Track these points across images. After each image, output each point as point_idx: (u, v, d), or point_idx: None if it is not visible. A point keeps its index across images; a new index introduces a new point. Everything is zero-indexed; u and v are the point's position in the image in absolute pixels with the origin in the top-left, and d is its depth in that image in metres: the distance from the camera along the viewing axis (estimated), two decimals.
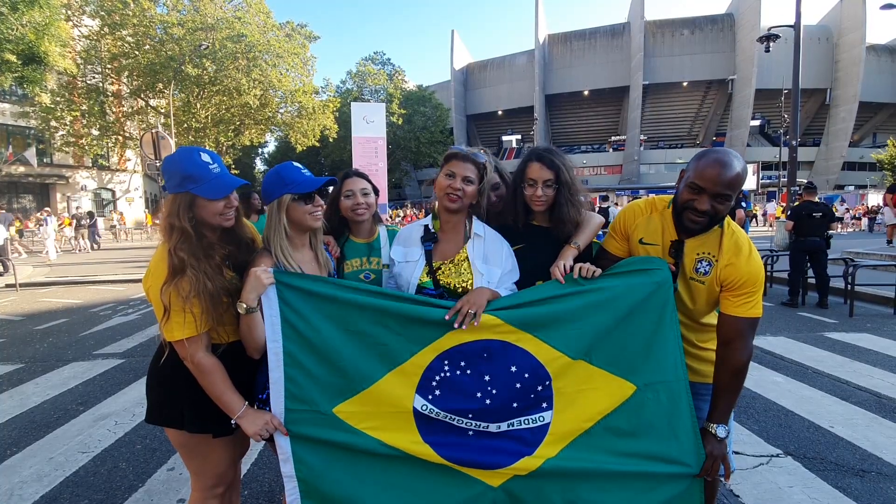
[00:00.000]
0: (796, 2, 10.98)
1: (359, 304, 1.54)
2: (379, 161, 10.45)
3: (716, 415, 1.56)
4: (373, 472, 1.54)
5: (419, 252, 1.78)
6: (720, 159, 1.47)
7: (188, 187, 1.48)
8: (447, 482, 1.55)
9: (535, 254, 1.80)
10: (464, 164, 1.70)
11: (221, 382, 1.51)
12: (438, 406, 1.52)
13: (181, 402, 1.59)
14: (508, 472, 1.54)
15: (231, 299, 1.55)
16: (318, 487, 1.52)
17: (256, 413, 1.54)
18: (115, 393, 4.08)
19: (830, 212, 7.19)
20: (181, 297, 1.44)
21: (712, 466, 1.54)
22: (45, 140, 25.61)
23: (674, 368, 1.56)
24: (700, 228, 1.54)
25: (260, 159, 54.34)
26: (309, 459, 1.52)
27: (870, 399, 3.70)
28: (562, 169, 1.76)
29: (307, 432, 1.51)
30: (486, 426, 1.54)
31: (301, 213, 1.63)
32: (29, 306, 8.09)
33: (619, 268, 1.61)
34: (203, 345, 1.51)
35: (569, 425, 1.56)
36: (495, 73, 50.79)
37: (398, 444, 1.52)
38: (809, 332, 5.65)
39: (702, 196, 1.48)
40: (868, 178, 38.23)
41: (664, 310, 1.56)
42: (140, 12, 20.85)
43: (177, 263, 1.45)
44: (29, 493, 2.62)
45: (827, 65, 41.37)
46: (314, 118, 25.98)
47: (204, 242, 1.54)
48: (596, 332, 1.55)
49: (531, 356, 1.54)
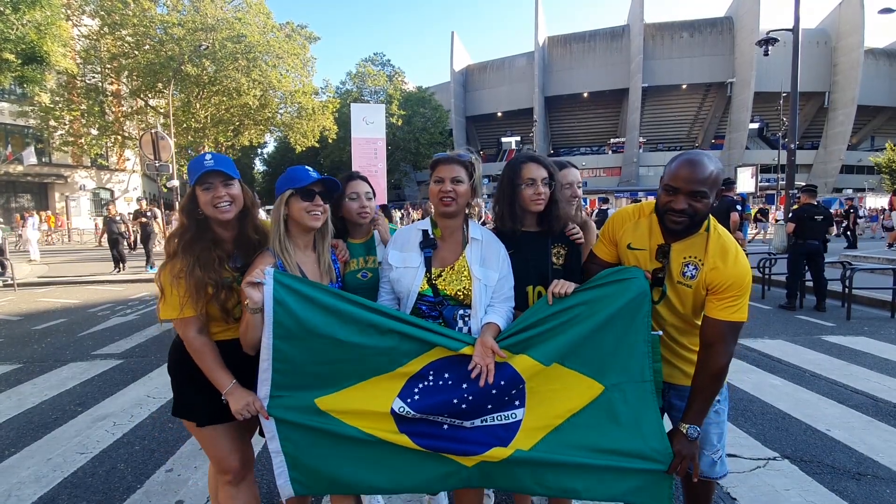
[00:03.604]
0: (795, 5, 11.02)
1: (354, 317, 1.58)
2: (378, 162, 10.45)
3: (689, 415, 1.58)
4: (354, 450, 1.62)
5: (418, 258, 1.76)
6: (691, 159, 1.53)
7: (190, 181, 1.64)
8: (423, 460, 1.63)
9: (526, 259, 1.82)
10: (450, 167, 1.71)
11: (211, 360, 1.63)
12: (415, 409, 1.58)
13: (174, 386, 1.76)
14: (480, 458, 1.61)
15: (219, 292, 1.64)
16: (303, 461, 1.61)
17: (243, 392, 1.61)
18: (113, 394, 4.08)
19: (830, 215, 7.22)
20: (172, 276, 1.59)
21: (680, 465, 1.55)
22: (44, 139, 25.57)
23: (641, 370, 1.62)
24: (683, 229, 1.57)
25: (259, 160, 54.32)
26: (294, 436, 1.61)
27: (866, 402, 3.71)
28: (553, 168, 1.84)
29: (290, 417, 1.60)
30: (460, 422, 1.61)
31: (298, 210, 1.67)
32: (27, 306, 8.08)
33: (596, 280, 1.65)
34: (193, 327, 1.62)
35: (540, 421, 1.62)
36: (495, 75, 50.86)
37: (375, 433, 1.60)
38: (807, 335, 5.67)
39: (677, 196, 1.53)
40: (866, 181, 38.34)
41: (636, 316, 1.60)
42: (140, 12, 20.83)
43: (171, 248, 1.64)
44: (27, 495, 2.61)
45: (825, 68, 41.52)
46: (314, 119, 25.98)
47: (207, 235, 1.66)
48: (573, 341, 1.61)
49: (510, 367, 1.61)
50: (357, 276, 2.00)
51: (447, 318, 1.71)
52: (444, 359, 1.61)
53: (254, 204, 1.76)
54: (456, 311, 1.71)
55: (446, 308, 1.71)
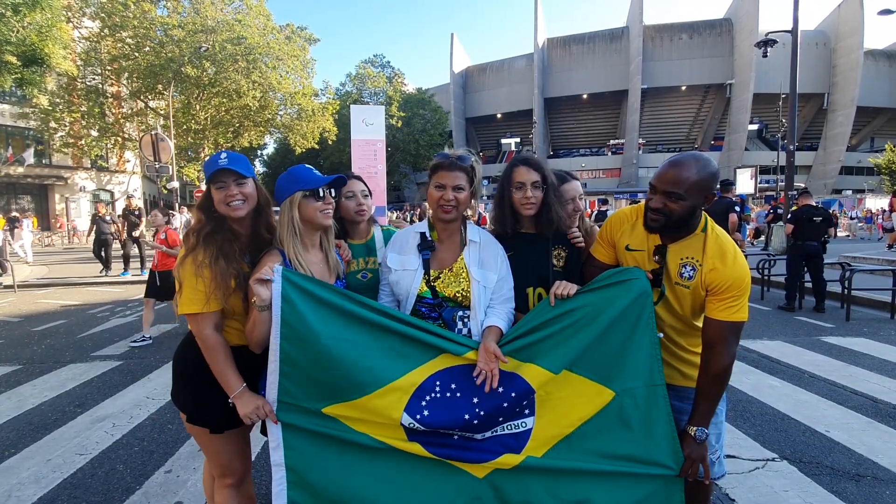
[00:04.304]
0: (794, 7, 11.05)
1: (361, 317, 1.57)
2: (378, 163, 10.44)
3: (696, 417, 1.58)
4: (361, 462, 1.59)
5: (417, 261, 1.76)
6: (676, 160, 1.53)
7: (206, 181, 1.66)
8: (432, 473, 1.60)
9: (524, 261, 1.82)
10: (451, 174, 1.68)
11: (223, 361, 1.59)
12: (425, 425, 1.55)
13: (189, 392, 1.70)
14: (492, 465, 1.59)
15: (240, 284, 1.62)
16: (305, 477, 1.56)
17: (252, 396, 1.59)
18: (112, 395, 4.08)
19: (829, 216, 7.23)
20: (195, 266, 1.56)
21: (691, 468, 1.56)
22: (45, 141, 25.57)
23: (650, 374, 1.60)
24: (658, 227, 1.58)
25: (259, 161, 54.30)
26: (299, 446, 1.57)
27: (866, 403, 3.72)
28: (546, 171, 1.82)
29: (298, 423, 1.57)
30: (471, 435, 1.60)
31: (312, 210, 1.67)
32: (27, 307, 8.08)
33: (598, 282, 1.64)
34: (211, 323, 1.58)
35: (551, 430, 1.60)
36: (494, 77, 50.91)
37: (385, 440, 1.57)
38: (806, 336, 5.67)
39: (656, 195, 1.55)
40: (865, 182, 38.36)
41: (640, 318, 1.59)
42: (140, 14, 20.84)
43: (191, 242, 1.63)
44: (27, 496, 2.62)
45: (824, 69, 41.56)
46: (313, 120, 25.97)
47: (224, 228, 1.66)
48: (580, 348, 1.60)
49: (520, 377, 1.59)
50: (357, 277, 2.01)
51: (446, 320, 1.71)
52: (451, 369, 1.59)
53: (268, 202, 1.76)
54: (455, 312, 1.71)
55: (445, 310, 1.71)
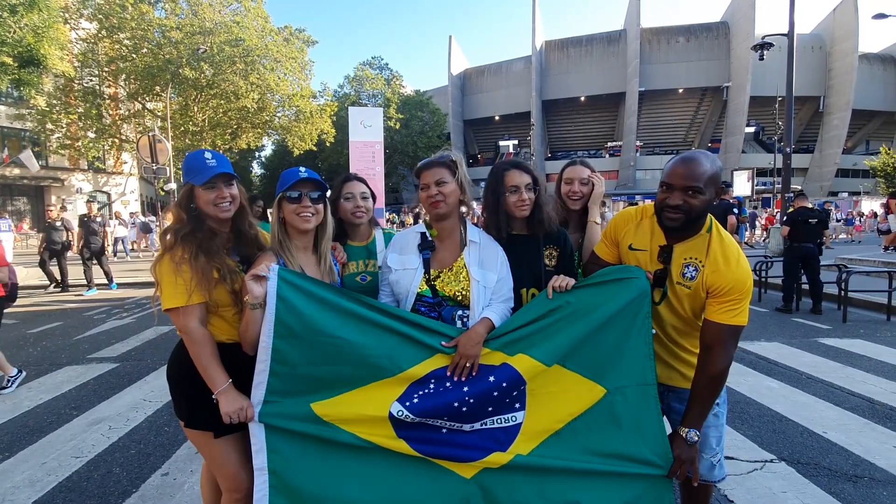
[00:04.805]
0: (790, 11, 11.11)
1: (357, 314, 1.57)
2: (376, 165, 10.46)
3: (688, 419, 1.57)
4: (347, 465, 1.57)
5: (417, 260, 1.78)
6: (686, 157, 1.55)
7: (187, 179, 1.64)
8: (420, 474, 1.58)
9: (517, 262, 1.83)
10: (431, 171, 1.74)
11: (209, 355, 1.56)
12: (414, 412, 1.55)
13: (184, 395, 1.67)
14: (480, 464, 1.58)
15: (225, 275, 1.61)
16: (288, 483, 1.53)
17: (236, 395, 1.56)
18: (109, 397, 4.06)
19: (825, 218, 7.26)
20: (174, 263, 1.55)
21: (680, 469, 1.55)
22: (41, 142, 25.49)
23: (642, 373, 1.60)
24: (679, 225, 1.57)
25: (257, 163, 54.27)
26: (283, 449, 1.54)
27: (863, 404, 3.73)
28: (535, 172, 1.87)
29: (283, 424, 1.55)
30: (459, 426, 1.59)
31: (289, 212, 1.68)
32: (22, 309, 8.03)
33: (597, 277, 1.65)
34: (196, 316, 1.57)
35: (541, 425, 1.60)
36: (492, 79, 50.98)
37: (372, 439, 1.56)
38: (803, 338, 5.69)
39: (673, 193, 1.54)
40: (861, 184, 38.55)
41: (636, 317, 1.60)
42: (138, 16, 20.82)
43: (168, 239, 1.61)
44: (21, 499, 2.60)
45: (820, 73, 41.77)
46: (311, 122, 25.97)
47: (205, 227, 1.65)
48: (573, 341, 1.60)
49: (511, 367, 1.59)
50: (356, 279, 2.01)
51: (446, 319, 1.72)
52: (446, 368, 1.59)
53: (247, 200, 1.79)
54: (455, 311, 1.72)
55: (445, 309, 1.72)
